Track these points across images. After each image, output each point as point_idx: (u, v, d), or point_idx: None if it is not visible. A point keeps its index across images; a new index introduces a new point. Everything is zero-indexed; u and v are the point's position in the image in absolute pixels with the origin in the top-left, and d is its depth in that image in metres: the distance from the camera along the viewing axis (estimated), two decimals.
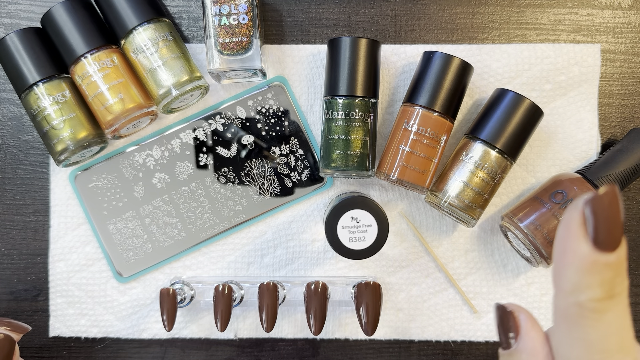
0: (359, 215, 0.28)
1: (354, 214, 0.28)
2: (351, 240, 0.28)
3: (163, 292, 0.43)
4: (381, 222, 0.28)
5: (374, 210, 0.28)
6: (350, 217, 0.28)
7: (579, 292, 0.20)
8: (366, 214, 0.28)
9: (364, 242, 0.28)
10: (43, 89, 0.42)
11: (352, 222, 0.28)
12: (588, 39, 0.47)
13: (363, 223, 0.28)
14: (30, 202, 0.47)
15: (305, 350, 0.47)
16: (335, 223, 0.29)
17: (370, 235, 0.28)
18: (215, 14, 0.42)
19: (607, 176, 0.43)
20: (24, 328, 0.40)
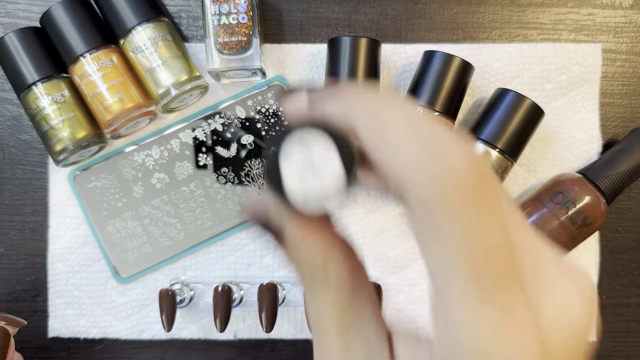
0: (313, 148, 0.19)
1: (305, 147, 0.19)
2: (301, 179, 0.19)
3: (162, 292, 0.43)
4: (345, 157, 0.19)
5: (334, 141, 0.19)
6: (299, 149, 0.19)
7: None
8: (323, 145, 0.19)
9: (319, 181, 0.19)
10: (42, 88, 0.42)
11: (301, 156, 0.19)
12: (589, 38, 0.47)
13: (318, 158, 0.19)
14: (29, 202, 0.47)
15: (305, 351, 0.47)
16: (278, 160, 0.19)
17: (330, 171, 0.19)
18: (215, 13, 0.42)
19: (608, 176, 0.42)
20: (19, 322, 0.40)
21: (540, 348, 0.16)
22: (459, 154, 0.16)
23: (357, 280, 0.19)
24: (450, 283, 0.15)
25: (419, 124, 0.17)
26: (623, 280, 0.47)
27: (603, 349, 0.47)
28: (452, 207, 0.15)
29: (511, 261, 0.16)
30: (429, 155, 0.16)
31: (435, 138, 0.16)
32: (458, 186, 0.15)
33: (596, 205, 0.42)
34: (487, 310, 0.15)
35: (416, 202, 0.16)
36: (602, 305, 0.47)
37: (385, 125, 0.17)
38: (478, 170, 0.16)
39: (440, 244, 0.16)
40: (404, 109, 0.17)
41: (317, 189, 0.18)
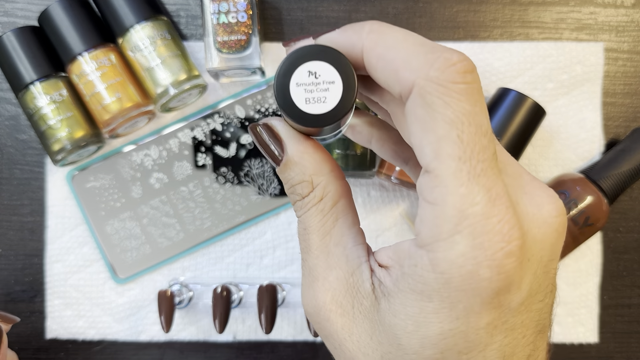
0: (319, 69, 0.20)
1: (312, 67, 0.21)
2: (308, 101, 0.21)
3: (161, 293, 0.43)
4: (347, 77, 0.20)
5: (338, 62, 0.20)
6: (307, 71, 0.21)
7: None
8: (327, 67, 0.20)
9: (325, 103, 0.21)
10: (40, 88, 0.42)
11: (309, 78, 0.21)
12: (591, 37, 0.46)
13: (324, 79, 0.21)
14: (27, 202, 0.46)
15: (305, 353, 0.46)
16: (287, 80, 0.21)
17: (333, 95, 0.20)
18: (214, 12, 0.42)
19: (611, 176, 0.42)
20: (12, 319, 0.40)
21: (521, 231, 0.17)
22: (449, 49, 0.18)
23: (339, 195, 0.22)
24: (443, 160, 0.17)
25: (411, 33, 0.19)
26: (625, 280, 0.47)
27: (604, 350, 0.46)
28: (447, 88, 0.17)
29: (493, 150, 0.18)
30: (424, 48, 0.18)
31: (428, 41, 0.19)
32: (452, 72, 0.17)
33: (598, 205, 0.42)
34: (475, 188, 0.17)
35: (413, 88, 0.18)
36: (604, 306, 0.47)
37: (384, 33, 0.19)
38: (468, 62, 0.18)
39: (434, 121, 0.17)
40: (395, 27, 0.20)
41: (320, 109, 0.21)
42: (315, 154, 0.22)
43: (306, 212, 0.22)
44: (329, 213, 0.22)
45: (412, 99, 0.18)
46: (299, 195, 0.22)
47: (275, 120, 0.22)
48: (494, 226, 0.17)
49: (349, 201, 0.22)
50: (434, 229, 0.17)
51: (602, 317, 0.46)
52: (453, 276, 0.17)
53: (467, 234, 0.17)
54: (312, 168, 0.22)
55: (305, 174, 0.22)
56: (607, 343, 0.46)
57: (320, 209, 0.22)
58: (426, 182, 0.18)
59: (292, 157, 0.22)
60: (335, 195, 0.22)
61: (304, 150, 0.22)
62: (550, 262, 0.19)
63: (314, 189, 0.22)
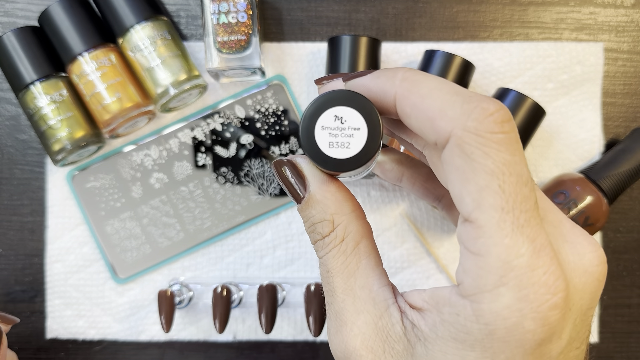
0: (345, 115, 0.21)
1: (339, 112, 0.21)
2: (332, 145, 0.21)
3: (161, 293, 0.43)
4: (372, 125, 0.21)
5: (365, 109, 0.21)
6: (333, 115, 0.21)
7: None
8: (354, 113, 0.21)
9: (349, 149, 0.21)
10: (40, 88, 0.42)
11: (335, 122, 0.21)
12: (590, 37, 0.46)
13: (349, 125, 0.21)
14: (27, 202, 0.46)
15: (305, 353, 0.47)
16: (313, 122, 0.21)
17: (357, 141, 0.21)
18: (214, 12, 0.42)
19: (610, 176, 0.42)
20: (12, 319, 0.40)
21: (565, 282, 0.17)
22: (486, 98, 0.18)
23: (361, 236, 0.22)
24: (485, 210, 0.17)
25: (445, 80, 0.19)
26: (625, 280, 0.47)
27: (604, 350, 0.46)
28: (485, 139, 0.17)
29: (534, 199, 0.18)
30: (460, 97, 0.18)
31: (462, 89, 0.19)
32: (489, 122, 0.17)
33: (598, 205, 0.42)
34: (519, 239, 0.17)
35: (450, 137, 0.18)
36: (604, 306, 0.47)
37: (417, 81, 0.19)
38: (504, 111, 0.18)
39: (474, 172, 0.17)
40: (428, 74, 0.20)
41: (343, 154, 0.21)
42: (337, 193, 0.22)
43: (328, 253, 0.22)
44: (351, 254, 0.21)
45: (449, 149, 0.18)
46: (319, 234, 0.22)
47: (299, 158, 0.23)
48: (539, 278, 0.17)
49: (371, 241, 0.22)
50: (478, 280, 0.17)
51: (602, 317, 0.46)
52: (497, 328, 0.17)
53: (512, 286, 0.17)
54: (333, 207, 0.22)
55: (327, 213, 0.22)
56: (607, 343, 0.46)
57: (343, 250, 0.21)
58: (468, 232, 0.18)
59: (314, 195, 0.22)
60: (357, 235, 0.22)
61: (327, 188, 0.22)
62: (589, 310, 0.19)
63: (335, 228, 0.22)
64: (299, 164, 0.22)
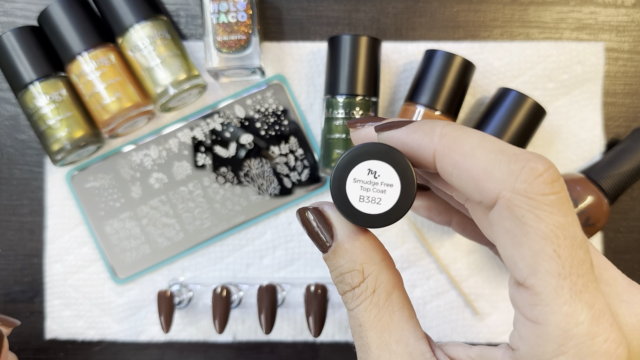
0: (379, 169, 0.20)
1: (373, 166, 0.20)
2: (362, 199, 0.20)
3: (161, 294, 0.42)
4: (406, 183, 0.20)
5: (400, 166, 0.20)
6: (367, 168, 0.20)
7: None
8: (389, 169, 0.20)
9: (379, 205, 0.20)
10: (39, 87, 0.42)
11: (368, 176, 0.20)
12: (591, 37, 0.46)
13: (383, 180, 0.20)
14: (26, 202, 0.46)
15: (305, 353, 0.46)
16: (345, 174, 0.20)
17: (390, 197, 0.20)
18: (214, 12, 0.42)
19: (611, 176, 0.42)
20: (12, 322, 0.40)
21: (627, 350, 0.17)
22: (532, 156, 0.17)
23: (392, 286, 0.21)
24: (541, 276, 0.17)
25: (486, 135, 0.18)
26: None
27: None
28: (537, 201, 0.17)
29: (590, 261, 0.17)
30: (505, 156, 0.17)
31: (505, 145, 0.18)
32: (539, 183, 0.17)
33: (599, 205, 0.42)
34: (578, 306, 0.16)
35: (498, 199, 0.17)
36: None
37: (458, 138, 0.19)
38: (553, 170, 0.17)
39: (527, 236, 0.17)
40: (467, 129, 0.19)
41: (373, 209, 0.21)
42: (366, 242, 0.21)
43: (359, 305, 0.21)
44: (384, 306, 0.21)
45: (498, 211, 0.17)
46: (348, 285, 0.21)
47: (326, 205, 0.22)
48: (600, 346, 0.16)
49: (403, 291, 0.21)
50: (536, 348, 0.17)
51: None
52: None
53: (572, 355, 0.16)
54: (363, 256, 0.21)
55: (356, 263, 0.21)
56: None
57: (375, 302, 0.21)
58: (524, 298, 0.17)
59: (342, 243, 0.21)
60: (388, 285, 0.21)
61: (355, 237, 0.21)
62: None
63: (365, 279, 0.21)
64: (326, 211, 0.22)
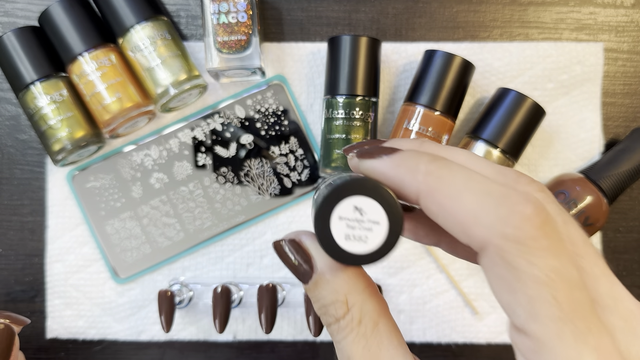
0: (366, 206, 0.19)
1: (359, 203, 0.19)
2: (348, 238, 0.19)
3: (161, 293, 0.43)
4: (394, 221, 0.19)
5: (387, 203, 0.19)
6: (353, 205, 0.19)
7: None
8: (375, 205, 0.19)
9: (365, 243, 0.19)
10: (40, 88, 0.42)
11: (354, 214, 0.19)
12: (590, 37, 0.46)
13: (369, 218, 0.19)
14: (27, 202, 0.46)
15: (305, 352, 0.47)
16: (329, 210, 0.19)
17: (376, 235, 0.19)
18: (214, 12, 0.42)
19: (610, 176, 0.42)
20: (23, 321, 0.40)
21: None
22: (520, 197, 0.17)
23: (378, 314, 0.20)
24: (542, 322, 0.16)
25: (472, 174, 0.18)
26: (625, 280, 0.47)
27: None
28: (528, 247, 0.16)
29: (589, 300, 0.17)
30: (492, 199, 0.17)
31: (492, 185, 0.17)
32: (529, 228, 0.16)
33: (598, 205, 0.42)
34: (583, 350, 0.16)
35: (487, 245, 0.17)
36: None
37: (442, 178, 0.18)
38: (542, 211, 0.17)
39: (521, 282, 0.16)
40: (452, 165, 0.18)
41: (359, 248, 0.20)
42: (348, 271, 0.20)
43: (345, 337, 0.20)
44: (372, 336, 0.20)
45: (489, 257, 0.17)
46: (332, 316, 0.20)
47: (303, 236, 0.21)
48: None
49: (390, 318, 0.21)
50: None
51: None
52: None
53: None
54: (345, 286, 0.20)
55: (339, 293, 0.20)
56: None
57: (362, 333, 0.20)
58: (526, 344, 0.17)
59: (323, 274, 0.20)
60: (374, 314, 0.20)
61: (336, 267, 0.20)
62: None
63: (350, 309, 0.20)
64: (303, 242, 0.21)
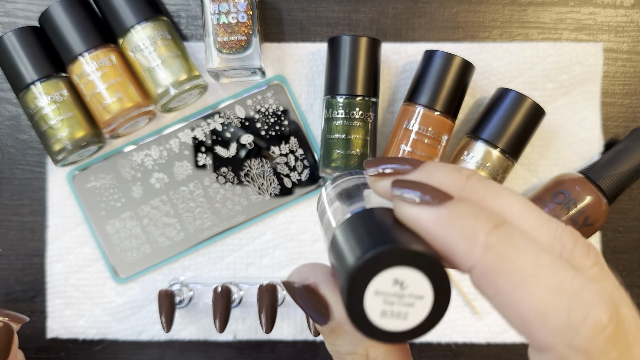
0: (408, 279, 0.16)
1: (401, 275, 0.16)
2: (384, 314, 0.16)
3: (161, 293, 0.43)
4: (441, 294, 0.16)
5: (435, 275, 0.16)
6: (393, 279, 0.16)
7: None
8: (420, 277, 0.16)
9: (405, 320, 0.16)
10: (41, 88, 0.42)
11: (393, 287, 0.16)
12: (590, 37, 0.46)
13: (411, 292, 0.16)
14: (27, 202, 0.47)
15: (305, 352, 0.47)
16: (364, 285, 0.16)
17: (417, 312, 0.16)
18: (214, 12, 0.42)
19: (610, 176, 0.42)
20: (22, 319, 0.40)
21: None
22: (596, 300, 0.15)
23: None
24: None
25: (541, 257, 0.15)
26: (624, 280, 0.47)
27: None
28: (593, 355, 0.15)
29: None
30: (565, 299, 0.15)
31: (563, 276, 0.15)
32: (602, 340, 0.15)
33: (597, 205, 0.42)
34: None
35: (550, 350, 0.15)
36: None
37: (507, 257, 0.15)
38: (616, 318, 0.15)
39: None
40: (518, 240, 0.15)
41: (397, 325, 0.16)
42: None
43: None
44: None
45: (544, 352, 0.15)
46: None
47: (320, 282, 0.19)
48: None
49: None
50: None
51: None
52: None
53: None
54: (367, 339, 0.18)
55: (358, 346, 0.18)
56: None
57: None
58: None
59: (342, 325, 0.18)
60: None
61: None
62: None
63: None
64: (320, 289, 0.19)
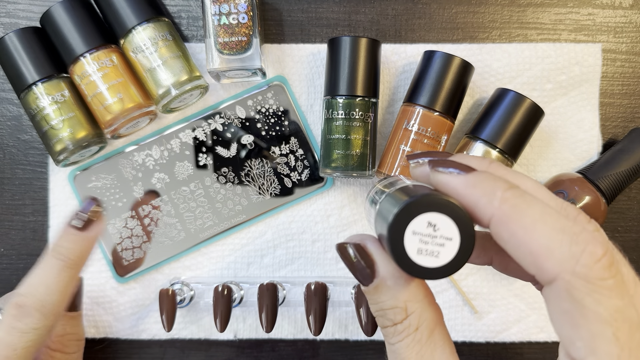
0: (439, 222, 0.20)
1: (433, 219, 0.20)
2: (420, 252, 0.20)
3: (162, 292, 0.43)
4: (466, 238, 0.20)
5: (462, 221, 0.20)
6: (427, 221, 0.20)
7: None
8: (450, 222, 0.20)
9: (437, 258, 0.20)
10: (42, 88, 0.42)
11: (427, 229, 0.20)
12: (589, 38, 0.47)
13: (442, 234, 0.20)
14: (29, 202, 0.47)
15: (305, 351, 0.47)
16: (403, 226, 0.20)
17: (447, 251, 0.20)
18: (215, 13, 0.42)
19: (608, 176, 0.42)
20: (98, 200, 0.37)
21: None
22: (592, 238, 0.18)
23: (435, 323, 0.21)
24: (601, 357, 0.17)
25: (547, 208, 0.18)
26: None
27: None
28: (596, 285, 0.17)
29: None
30: (566, 236, 0.18)
31: (566, 222, 0.18)
32: (599, 268, 0.17)
33: (596, 205, 0.42)
34: None
35: (556, 280, 0.18)
36: None
37: (519, 208, 0.18)
38: (611, 254, 0.18)
39: (585, 318, 0.17)
40: (528, 196, 0.19)
41: (431, 262, 0.20)
42: (409, 278, 0.21)
43: (401, 341, 0.21)
44: (426, 343, 0.21)
45: (556, 292, 0.18)
46: (389, 320, 0.21)
47: (368, 241, 0.22)
48: None
49: (444, 328, 0.22)
50: None
51: None
52: None
53: None
54: (406, 294, 0.21)
55: (399, 300, 0.21)
56: None
57: (418, 339, 0.21)
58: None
59: (385, 281, 0.21)
60: (431, 323, 0.21)
61: (398, 275, 0.21)
62: None
63: (409, 316, 0.21)
64: (367, 247, 0.22)
